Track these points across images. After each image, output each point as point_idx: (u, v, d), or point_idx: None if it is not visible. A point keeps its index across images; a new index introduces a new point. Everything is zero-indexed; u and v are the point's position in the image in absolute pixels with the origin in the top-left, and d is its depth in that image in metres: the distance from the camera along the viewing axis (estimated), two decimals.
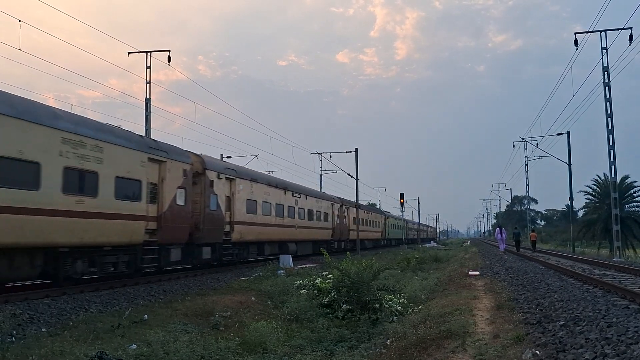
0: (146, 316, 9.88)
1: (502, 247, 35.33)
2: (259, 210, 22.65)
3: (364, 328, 9.73)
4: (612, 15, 24.98)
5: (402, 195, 45.10)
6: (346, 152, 38.74)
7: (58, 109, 12.34)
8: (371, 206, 68.67)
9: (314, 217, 31.09)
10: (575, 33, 26.74)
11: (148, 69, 24.83)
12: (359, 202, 38.50)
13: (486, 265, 21.82)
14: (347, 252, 13.85)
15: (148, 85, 24.97)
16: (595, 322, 7.24)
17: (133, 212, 13.96)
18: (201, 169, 17.93)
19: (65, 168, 11.57)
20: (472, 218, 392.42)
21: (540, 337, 6.73)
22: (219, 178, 18.95)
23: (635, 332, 6.35)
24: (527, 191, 59.00)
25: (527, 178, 55.55)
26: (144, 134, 23.53)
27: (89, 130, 12.60)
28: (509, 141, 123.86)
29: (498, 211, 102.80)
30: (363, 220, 43.09)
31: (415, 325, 8.57)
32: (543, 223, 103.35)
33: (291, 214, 26.90)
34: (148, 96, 24.94)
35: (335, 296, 11.41)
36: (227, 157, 34.83)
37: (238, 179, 20.75)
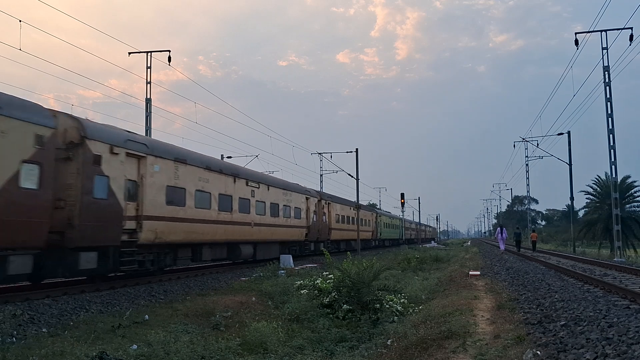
0: (147, 316, 9.87)
1: (503, 247, 35.42)
2: (190, 201, 16.70)
3: (365, 328, 9.73)
4: (613, 15, 24.99)
5: (403, 195, 45.10)
6: (347, 152, 38.68)
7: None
8: (371, 206, 67.27)
9: (280, 213, 25.01)
10: (575, 33, 26.79)
11: (148, 69, 24.88)
12: (355, 201, 38.36)
13: (487, 265, 21.82)
14: (348, 253, 13.84)
15: (148, 85, 25.02)
16: (596, 322, 7.23)
17: None
18: (78, 138, 12.30)
19: None
20: (473, 218, 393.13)
21: (541, 337, 6.72)
22: (114, 153, 13.29)
23: (636, 332, 6.34)
24: (528, 191, 59.11)
25: (528, 178, 55.62)
26: (145, 134, 23.50)
27: None
28: (510, 141, 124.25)
29: (499, 211, 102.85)
30: (346, 217, 38.55)
31: (415, 325, 8.56)
32: (544, 223, 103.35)
33: (244, 209, 20.90)
34: (148, 96, 24.98)
35: (335, 296, 11.41)
36: (228, 157, 34.84)
37: (151, 157, 14.85)
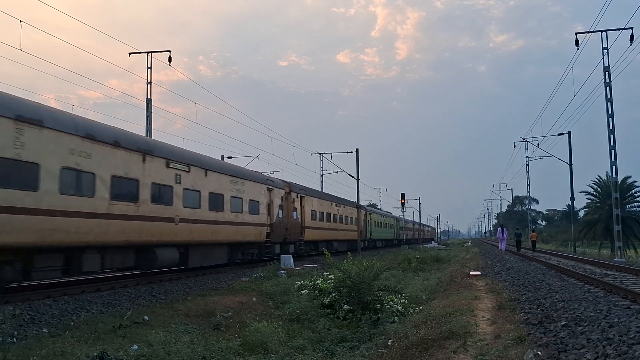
0: (147, 317, 9.88)
1: (503, 247, 35.50)
2: (50, 184, 11.31)
3: (365, 328, 9.73)
4: (613, 15, 24.99)
5: (403, 195, 45.11)
6: (347, 153, 38.70)
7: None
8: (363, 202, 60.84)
9: (226, 207, 19.12)
10: (576, 33, 26.81)
11: (149, 70, 24.87)
12: (354, 200, 38.26)
13: (487, 265, 21.81)
14: (348, 253, 13.82)
15: (149, 85, 25.00)
16: (596, 323, 7.23)
17: None
18: None
19: None
20: (473, 218, 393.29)
21: (541, 338, 6.72)
22: None
23: (637, 333, 6.34)
24: (528, 191, 59.08)
25: (528, 178, 55.65)
26: (145, 135, 23.51)
27: None
28: (510, 141, 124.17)
29: (499, 211, 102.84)
30: (325, 214, 33.34)
31: (416, 325, 8.56)
32: (544, 223, 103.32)
33: (163, 198, 15.36)
34: (149, 97, 24.97)
35: (336, 296, 11.41)
36: (228, 158, 34.84)
37: None
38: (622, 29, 24.89)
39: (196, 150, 18.61)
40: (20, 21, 16.20)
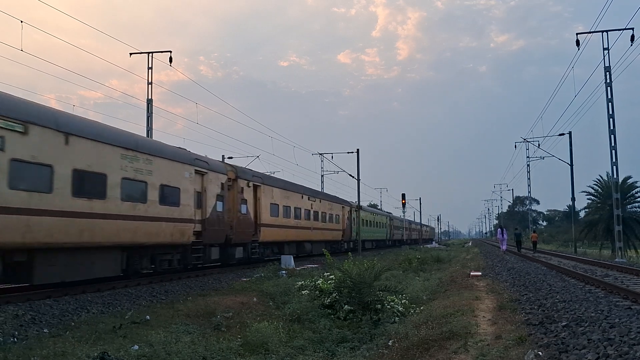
0: (148, 317, 9.88)
1: (504, 247, 35.56)
2: None
3: (366, 329, 9.73)
4: (614, 15, 25.00)
5: (404, 195, 45.06)
6: (348, 153, 38.59)
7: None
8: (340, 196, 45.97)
9: (111, 193, 12.99)
10: (577, 33, 26.81)
11: (150, 70, 24.87)
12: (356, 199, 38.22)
13: (488, 266, 21.80)
14: (349, 253, 13.82)
15: (149, 86, 25.00)
16: (597, 323, 7.22)
17: None
18: None
19: None
20: (474, 219, 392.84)
21: (542, 338, 6.72)
22: None
23: (637, 333, 6.34)
24: (529, 192, 59.15)
25: (529, 178, 55.77)
26: (146, 135, 23.50)
27: None
28: (511, 141, 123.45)
29: (500, 212, 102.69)
30: (292, 210, 26.75)
31: (417, 326, 8.56)
32: (545, 223, 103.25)
33: None
34: (149, 97, 24.97)
35: (337, 297, 11.42)
36: (229, 158, 34.87)
37: None
38: (623, 30, 24.91)
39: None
40: (21, 21, 16.23)
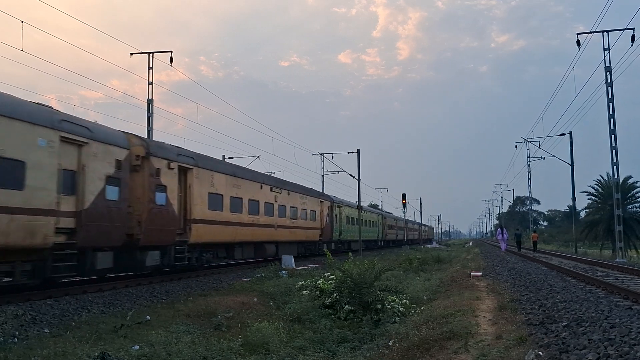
0: (148, 317, 9.89)
1: (504, 247, 35.61)
2: None
3: (366, 329, 9.74)
4: (615, 16, 25.00)
5: (404, 195, 45.05)
6: (348, 153, 38.47)
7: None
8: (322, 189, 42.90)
9: None
10: (577, 33, 26.79)
11: (150, 70, 24.87)
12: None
13: (488, 266, 21.79)
14: (349, 253, 13.83)
15: (150, 86, 25.00)
16: (598, 323, 7.22)
17: None
18: None
19: None
20: (475, 219, 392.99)
21: (543, 338, 6.72)
22: None
23: (638, 333, 6.33)
24: (530, 192, 59.10)
25: (530, 179, 55.68)
26: (147, 135, 23.51)
27: None
28: (511, 142, 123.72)
29: (500, 212, 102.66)
30: (243, 202, 20.58)
31: (417, 326, 8.56)
32: (545, 224, 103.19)
33: None
34: (150, 97, 24.97)
35: (337, 297, 11.42)
36: (229, 158, 34.88)
37: None
38: (624, 30, 24.88)
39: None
40: (22, 22, 16.24)
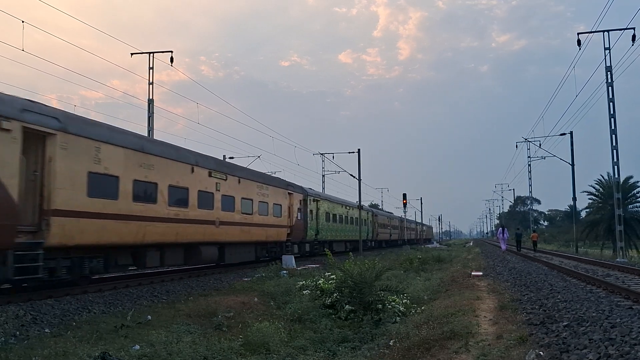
0: (149, 317, 9.89)
1: (504, 247, 35.62)
2: None
3: (367, 329, 9.73)
4: (615, 15, 24.98)
5: (405, 195, 45.08)
6: (349, 153, 38.42)
7: None
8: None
9: None
10: (578, 33, 26.80)
11: (151, 70, 24.88)
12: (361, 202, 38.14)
13: (489, 265, 21.78)
14: (350, 253, 13.83)
15: (150, 86, 25.01)
16: (598, 323, 7.22)
17: None
18: None
19: None
20: (475, 219, 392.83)
21: (543, 338, 6.71)
22: None
23: (639, 333, 6.33)
24: (530, 191, 59.09)
25: (530, 178, 55.69)
26: (147, 135, 23.51)
27: None
28: (512, 141, 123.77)
29: (501, 212, 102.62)
30: (158, 188, 14.68)
31: (418, 325, 8.56)
32: (546, 223, 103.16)
33: None
34: (151, 97, 24.99)
35: (338, 297, 11.42)
36: (230, 158, 34.88)
37: None
38: (624, 29, 24.90)
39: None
40: (22, 22, 16.24)
